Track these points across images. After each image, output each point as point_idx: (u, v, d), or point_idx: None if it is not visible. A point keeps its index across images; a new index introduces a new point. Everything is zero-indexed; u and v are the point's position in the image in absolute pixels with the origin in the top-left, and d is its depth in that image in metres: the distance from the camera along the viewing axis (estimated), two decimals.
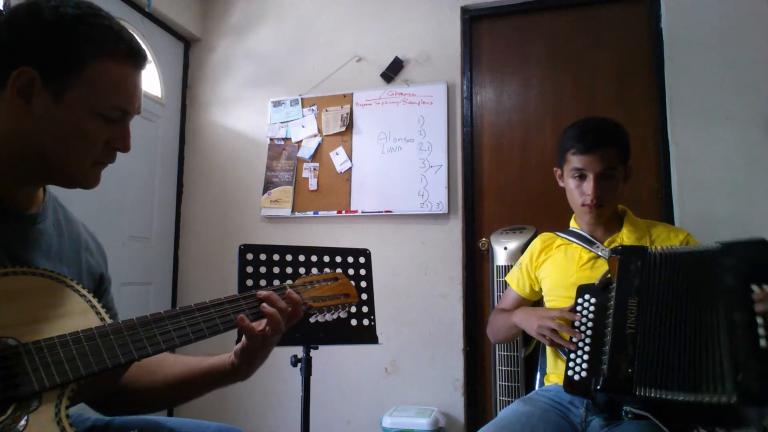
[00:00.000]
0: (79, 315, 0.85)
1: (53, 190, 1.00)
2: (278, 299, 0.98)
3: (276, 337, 0.98)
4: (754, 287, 1.20)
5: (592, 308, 1.39)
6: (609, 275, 1.40)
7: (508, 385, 2.15)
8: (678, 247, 1.39)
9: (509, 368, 2.16)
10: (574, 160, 1.54)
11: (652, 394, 1.21)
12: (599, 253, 1.54)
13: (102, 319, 0.87)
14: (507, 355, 2.16)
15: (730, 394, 1.14)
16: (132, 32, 0.94)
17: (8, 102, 0.85)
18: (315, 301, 1.07)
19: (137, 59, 0.93)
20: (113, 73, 0.89)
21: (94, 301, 0.88)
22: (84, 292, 0.88)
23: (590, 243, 1.58)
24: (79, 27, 0.86)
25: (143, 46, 0.96)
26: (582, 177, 1.54)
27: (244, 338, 0.98)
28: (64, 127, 0.87)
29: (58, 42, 0.85)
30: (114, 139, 0.92)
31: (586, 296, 1.41)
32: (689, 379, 1.19)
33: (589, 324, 1.37)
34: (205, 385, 1.04)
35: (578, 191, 1.56)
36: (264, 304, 0.97)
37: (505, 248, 2.28)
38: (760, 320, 1.17)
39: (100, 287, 1.06)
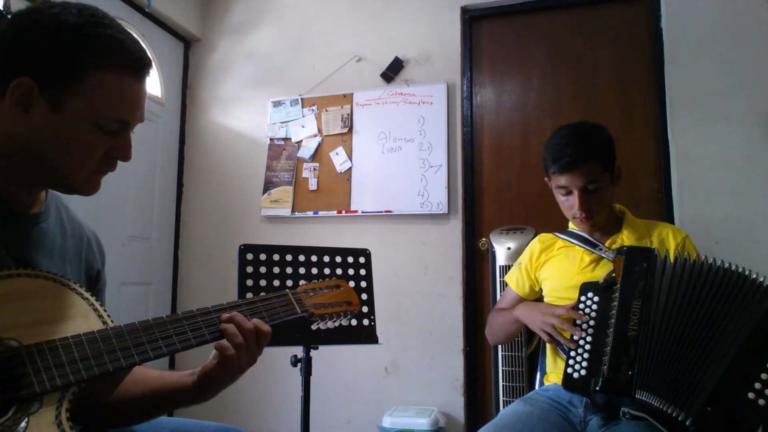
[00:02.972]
0: (81, 318, 0.84)
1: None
2: (244, 320, 0.93)
3: (245, 364, 0.94)
4: None
5: (594, 306, 1.39)
6: (614, 274, 1.40)
7: (512, 386, 2.15)
8: (707, 261, 1.32)
9: (512, 368, 2.15)
10: (556, 179, 1.55)
11: (650, 399, 1.21)
12: (602, 254, 1.54)
13: (104, 322, 0.86)
14: (510, 356, 2.16)
15: (690, 416, 1.16)
16: (134, 35, 0.91)
17: (7, 110, 0.84)
18: (317, 309, 1.07)
19: (140, 69, 0.90)
20: (113, 85, 0.86)
21: (97, 304, 0.87)
22: (87, 295, 0.87)
23: (593, 245, 1.58)
24: (78, 37, 0.83)
25: (147, 52, 0.93)
26: (568, 192, 1.54)
27: (213, 358, 0.94)
28: (61, 137, 0.85)
29: (56, 52, 0.83)
30: (114, 149, 0.90)
31: (589, 294, 1.41)
32: (671, 388, 1.20)
33: (591, 323, 1.36)
34: (168, 403, 1.01)
35: (567, 205, 1.57)
36: (230, 328, 0.92)
37: (507, 248, 2.28)
38: (764, 376, 1.15)
39: (96, 285, 1.05)
